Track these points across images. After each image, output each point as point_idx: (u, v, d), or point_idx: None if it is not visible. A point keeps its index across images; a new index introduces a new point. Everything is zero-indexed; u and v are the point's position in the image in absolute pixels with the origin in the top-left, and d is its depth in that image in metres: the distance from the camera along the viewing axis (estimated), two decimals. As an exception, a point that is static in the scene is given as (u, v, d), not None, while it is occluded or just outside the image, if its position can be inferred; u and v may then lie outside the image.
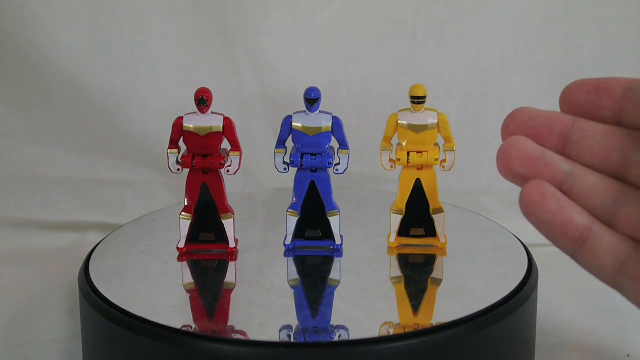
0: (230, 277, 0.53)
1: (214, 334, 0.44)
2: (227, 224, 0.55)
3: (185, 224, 0.55)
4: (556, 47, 0.78)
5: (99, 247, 0.57)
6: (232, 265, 0.54)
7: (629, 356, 0.53)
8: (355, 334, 0.44)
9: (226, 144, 0.54)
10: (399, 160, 0.54)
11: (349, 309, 0.48)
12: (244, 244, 0.56)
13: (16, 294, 0.64)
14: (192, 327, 0.45)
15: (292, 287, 0.51)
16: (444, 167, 0.55)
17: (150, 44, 0.78)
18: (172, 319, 0.46)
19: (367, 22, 0.78)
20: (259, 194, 0.73)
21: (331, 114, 0.54)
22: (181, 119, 0.53)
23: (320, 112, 0.53)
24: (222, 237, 0.55)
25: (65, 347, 0.55)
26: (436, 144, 0.55)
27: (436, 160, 0.54)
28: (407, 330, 0.45)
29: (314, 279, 0.52)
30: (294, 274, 0.53)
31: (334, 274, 0.53)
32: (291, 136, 0.54)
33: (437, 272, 0.53)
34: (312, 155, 0.54)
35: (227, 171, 0.54)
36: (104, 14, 0.77)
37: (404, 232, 0.56)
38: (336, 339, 0.44)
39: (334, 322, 0.46)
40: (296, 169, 0.54)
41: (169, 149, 0.54)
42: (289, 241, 0.55)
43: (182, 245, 0.55)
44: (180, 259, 0.55)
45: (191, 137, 0.53)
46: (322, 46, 0.79)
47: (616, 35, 0.78)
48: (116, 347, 0.46)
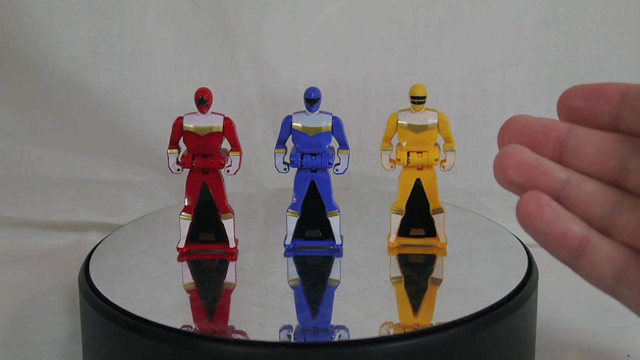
0: (230, 277, 0.53)
1: (214, 334, 0.44)
2: (227, 224, 0.55)
3: (185, 224, 0.55)
4: (556, 47, 0.78)
5: (99, 247, 0.57)
6: (232, 265, 0.54)
7: (629, 356, 0.53)
8: (355, 334, 0.44)
9: (226, 144, 0.54)
10: (399, 160, 0.54)
11: (349, 309, 0.48)
12: (244, 244, 0.56)
13: (16, 294, 0.64)
14: (192, 327, 0.45)
15: (292, 287, 0.51)
16: (444, 167, 0.55)
17: (150, 44, 0.78)
18: (172, 319, 0.46)
19: (367, 22, 0.78)
20: (259, 194, 0.73)
21: (331, 114, 0.54)
22: (181, 119, 0.53)
23: (320, 112, 0.53)
24: (222, 237, 0.55)
25: (65, 347, 0.55)
26: (436, 144, 0.55)
27: (436, 160, 0.54)
28: (407, 330, 0.45)
29: (314, 279, 0.52)
30: (294, 274, 0.53)
31: (334, 274, 0.53)
32: (291, 136, 0.54)
33: (437, 272, 0.53)
34: (312, 155, 0.54)
35: (227, 171, 0.54)
36: (104, 14, 0.77)
37: (404, 232, 0.56)
38: (336, 339, 0.44)
39: (334, 322, 0.46)
40: (296, 169, 0.54)
41: (169, 149, 0.54)
42: (289, 241, 0.55)
43: (182, 245, 0.55)
44: (180, 259, 0.55)
45: (191, 137, 0.53)
46: (322, 46, 0.79)
47: (616, 35, 0.78)
48: (116, 347, 0.46)
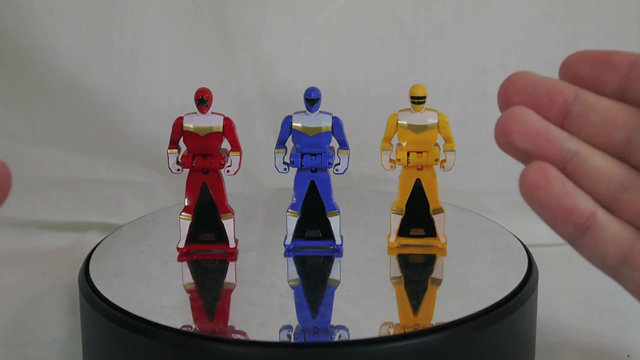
0: (230, 277, 0.53)
1: (214, 334, 0.44)
2: (227, 224, 0.55)
3: (185, 224, 0.55)
4: (556, 47, 0.78)
5: (99, 247, 0.57)
6: (232, 265, 0.54)
7: (629, 356, 0.53)
8: (355, 334, 0.44)
9: (226, 144, 0.54)
10: (399, 160, 0.54)
11: (349, 309, 0.48)
12: (244, 244, 0.56)
13: (16, 294, 0.64)
14: (192, 327, 0.45)
15: (292, 287, 0.51)
16: (444, 167, 0.55)
17: (150, 44, 0.78)
18: (172, 319, 0.46)
19: (367, 22, 0.78)
20: (259, 194, 0.73)
21: (331, 114, 0.54)
22: (181, 119, 0.53)
23: (320, 112, 0.53)
24: (222, 237, 0.55)
25: (65, 347, 0.55)
26: (436, 144, 0.55)
27: (436, 160, 0.54)
28: (407, 330, 0.45)
29: (314, 279, 0.52)
30: (294, 274, 0.53)
31: (334, 274, 0.53)
32: (291, 136, 0.54)
33: (437, 272, 0.53)
34: (312, 155, 0.54)
35: (227, 171, 0.54)
36: (104, 14, 0.77)
37: (404, 232, 0.56)
38: (336, 339, 0.44)
39: (334, 322, 0.46)
40: (296, 169, 0.54)
41: (169, 149, 0.54)
42: (289, 241, 0.55)
43: (182, 245, 0.55)
44: (180, 259, 0.55)
45: (191, 137, 0.53)
46: (322, 46, 0.78)
47: (616, 35, 0.78)
48: (116, 347, 0.46)
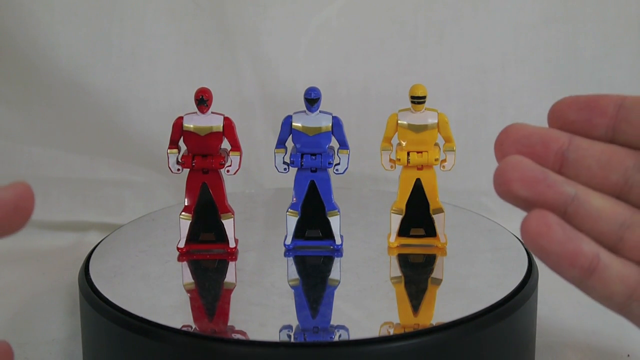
0: (230, 277, 0.53)
1: (214, 334, 0.44)
2: (227, 224, 0.55)
3: (185, 224, 0.55)
4: (556, 47, 0.78)
5: (99, 247, 0.57)
6: (232, 265, 0.54)
7: (629, 356, 0.53)
8: (355, 334, 0.44)
9: (226, 144, 0.54)
10: (399, 160, 0.54)
11: (349, 309, 0.48)
12: (244, 244, 0.56)
13: (16, 294, 0.64)
14: (192, 327, 0.45)
15: (292, 287, 0.51)
16: (444, 167, 0.55)
17: (150, 44, 0.78)
18: (172, 319, 0.46)
19: (367, 22, 0.78)
20: (259, 194, 0.73)
21: (331, 114, 0.54)
22: (181, 119, 0.53)
23: (320, 112, 0.53)
24: (222, 237, 0.55)
25: (65, 347, 0.55)
26: (436, 144, 0.55)
27: (436, 160, 0.54)
28: (407, 330, 0.45)
29: (314, 279, 0.52)
30: (294, 274, 0.53)
31: (334, 274, 0.53)
32: (291, 136, 0.54)
33: (437, 272, 0.53)
34: (312, 155, 0.54)
35: (227, 171, 0.54)
36: (104, 14, 0.77)
37: (404, 232, 0.56)
38: (336, 339, 0.44)
39: (334, 322, 0.46)
40: (296, 169, 0.54)
41: (169, 149, 0.54)
42: (289, 241, 0.55)
43: (182, 245, 0.55)
44: (180, 259, 0.55)
45: (191, 137, 0.53)
46: (322, 46, 0.78)
47: (616, 35, 0.78)
48: (116, 347, 0.46)
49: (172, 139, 0.54)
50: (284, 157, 0.54)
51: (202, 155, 0.54)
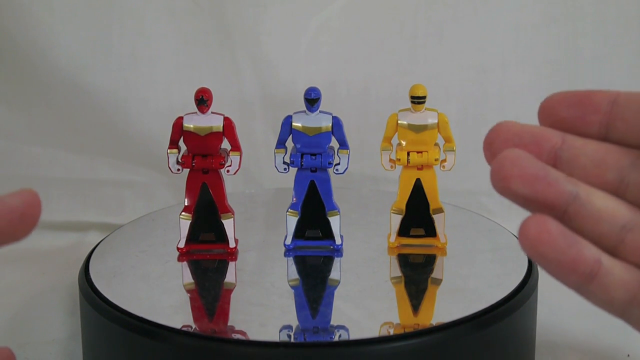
0: (230, 277, 0.53)
1: (214, 334, 0.44)
2: (227, 224, 0.55)
3: (185, 224, 0.55)
4: (556, 47, 0.78)
5: (99, 247, 0.57)
6: (232, 265, 0.54)
7: (629, 356, 0.53)
8: (355, 334, 0.44)
9: (226, 144, 0.54)
10: (399, 160, 0.54)
11: (349, 309, 0.48)
12: (244, 244, 0.56)
13: (16, 294, 0.64)
14: (192, 327, 0.45)
15: (292, 287, 0.51)
16: (444, 167, 0.55)
17: (150, 44, 0.78)
18: (172, 319, 0.46)
19: (367, 22, 0.78)
20: (259, 194, 0.73)
21: (331, 114, 0.54)
22: (181, 119, 0.53)
23: (320, 112, 0.53)
24: (222, 237, 0.55)
25: (65, 347, 0.55)
26: (436, 144, 0.55)
27: (436, 160, 0.54)
28: (407, 330, 0.45)
29: (314, 279, 0.52)
30: (294, 274, 0.53)
31: (334, 274, 0.53)
32: (291, 136, 0.54)
33: (437, 272, 0.53)
34: (312, 155, 0.54)
35: (227, 171, 0.54)
36: (104, 14, 0.77)
37: (404, 232, 0.56)
38: (336, 339, 0.44)
39: (334, 322, 0.46)
40: (296, 169, 0.54)
41: (169, 149, 0.54)
42: (289, 241, 0.55)
43: (182, 245, 0.55)
44: (180, 259, 0.55)
45: (191, 137, 0.53)
46: (322, 46, 0.78)
47: (616, 35, 0.78)
48: (116, 347, 0.46)
49: (172, 139, 0.54)
50: (284, 157, 0.54)
51: (202, 155, 0.54)
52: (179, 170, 0.54)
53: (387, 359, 0.43)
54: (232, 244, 0.55)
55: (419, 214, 0.55)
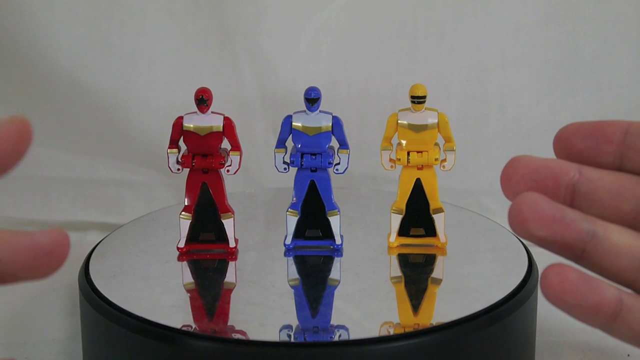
0: (230, 277, 0.53)
1: (214, 334, 0.44)
2: (227, 224, 0.55)
3: (185, 224, 0.55)
4: (556, 47, 0.78)
5: (99, 247, 0.57)
6: (232, 265, 0.54)
7: (629, 356, 0.53)
8: (355, 334, 0.44)
9: (226, 144, 0.54)
10: (399, 160, 0.54)
11: (349, 308, 0.48)
12: (244, 243, 0.56)
13: (16, 294, 0.64)
14: (192, 327, 0.45)
15: (292, 286, 0.51)
16: (444, 166, 0.55)
17: (150, 44, 0.78)
18: (172, 319, 0.46)
19: (367, 22, 0.78)
20: (259, 194, 0.73)
21: (331, 114, 0.54)
22: (181, 118, 0.53)
23: (320, 111, 0.53)
24: (222, 237, 0.55)
25: (65, 347, 0.55)
26: (436, 144, 0.55)
27: (436, 160, 0.54)
28: (407, 330, 0.45)
29: (314, 279, 0.52)
30: (294, 274, 0.53)
31: (334, 274, 0.53)
32: (291, 136, 0.54)
33: (437, 272, 0.53)
34: (312, 155, 0.54)
35: (227, 171, 0.54)
36: (104, 14, 0.77)
37: (404, 231, 0.56)
38: (336, 338, 0.44)
39: (334, 321, 0.46)
40: (296, 168, 0.54)
41: (169, 148, 0.54)
42: (289, 241, 0.55)
43: (182, 245, 0.55)
44: (180, 258, 0.55)
45: (191, 136, 0.53)
46: (322, 46, 0.78)
47: (616, 35, 0.78)
48: (116, 347, 0.46)
49: (172, 138, 0.54)
50: (284, 157, 0.54)
51: (202, 155, 0.54)
52: (179, 170, 0.54)
53: (387, 359, 0.43)
54: (232, 244, 0.55)
55: (419, 214, 0.55)
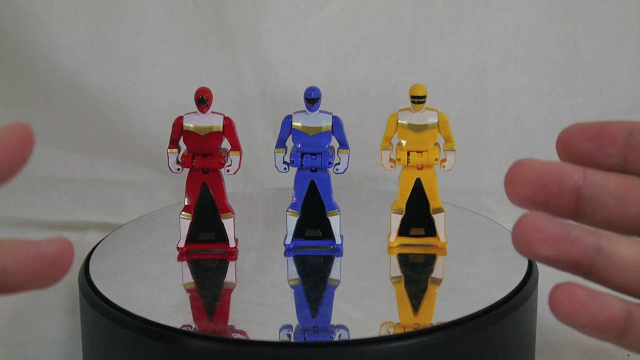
0: (230, 277, 0.53)
1: (214, 334, 0.44)
2: (227, 224, 0.55)
3: (185, 224, 0.55)
4: (556, 47, 0.78)
5: (98, 246, 0.57)
6: (232, 265, 0.54)
7: (629, 355, 0.53)
8: (355, 334, 0.44)
9: (226, 144, 0.54)
10: (399, 159, 0.54)
11: (349, 308, 0.48)
12: (244, 243, 0.56)
13: (16, 294, 0.64)
14: (192, 327, 0.45)
15: (292, 286, 0.51)
16: (444, 166, 0.55)
17: (150, 44, 0.78)
18: (172, 318, 0.46)
19: (367, 21, 0.78)
20: (259, 193, 0.73)
21: (331, 114, 0.54)
22: (181, 118, 0.53)
23: (320, 111, 0.53)
24: (222, 236, 0.55)
25: (65, 347, 0.55)
26: (436, 144, 0.55)
27: (436, 159, 0.54)
28: (407, 330, 0.45)
29: (314, 279, 0.52)
30: (294, 274, 0.53)
31: (334, 274, 0.53)
32: (291, 136, 0.54)
33: (437, 271, 0.53)
34: (312, 154, 0.54)
35: (227, 171, 0.54)
36: (104, 14, 0.77)
37: (404, 231, 0.56)
38: (336, 338, 0.44)
39: (334, 321, 0.46)
40: (296, 168, 0.54)
41: (169, 148, 0.54)
42: (289, 241, 0.55)
43: (182, 245, 0.55)
44: (180, 258, 0.55)
45: (191, 136, 0.53)
46: (322, 46, 0.78)
47: (616, 35, 0.78)
48: (116, 347, 0.46)
49: (172, 138, 0.54)
50: (284, 157, 0.54)
51: (202, 154, 0.54)
52: (179, 169, 0.54)
53: (387, 359, 0.43)
54: (232, 244, 0.55)
55: (419, 214, 0.55)
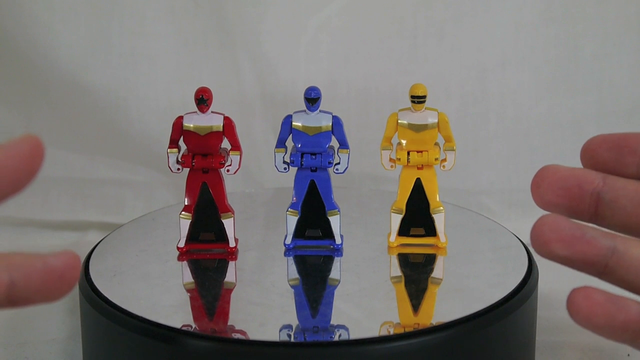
0: (230, 277, 0.53)
1: (214, 334, 0.44)
2: (227, 224, 0.55)
3: (185, 224, 0.55)
4: (556, 46, 0.78)
5: (98, 246, 0.57)
6: (232, 264, 0.54)
7: (629, 356, 0.53)
8: (355, 334, 0.44)
9: (226, 144, 0.54)
10: (399, 159, 0.54)
11: (349, 308, 0.48)
12: (244, 243, 0.56)
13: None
14: (192, 327, 0.45)
15: (292, 286, 0.51)
16: (444, 166, 0.55)
17: (150, 44, 0.78)
18: (172, 318, 0.46)
19: (367, 21, 0.78)
20: (259, 193, 0.73)
21: (331, 114, 0.54)
22: (181, 118, 0.53)
23: (320, 111, 0.53)
24: (222, 236, 0.55)
25: (65, 347, 0.55)
26: (436, 144, 0.55)
27: (436, 159, 0.54)
28: (407, 330, 0.45)
29: (314, 279, 0.52)
30: (294, 274, 0.53)
31: (334, 274, 0.53)
32: (291, 135, 0.54)
33: (437, 271, 0.53)
34: (312, 154, 0.54)
35: (227, 171, 0.54)
36: (104, 14, 0.77)
37: (404, 231, 0.56)
38: (336, 338, 0.44)
39: (334, 321, 0.46)
40: (296, 168, 0.54)
41: (169, 148, 0.54)
42: (289, 241, 0.55)
43: (182, 244, 0.55)
44: (180, 258, 0.55)
45: (191, 136, 0.53)
46: (322, 46, 0.78)
47: (616, 35, 0.78)
48: (116, 347, 0.46)
49: (172, 138, 0.54)
50: (284, 157, 0.54)
51: (202, 154, 0.54)
52: (179, 169, 0.54)
53: (387, 358, 0.43)
54: (232, 244, 0.55)
55: (419, 214, 0.55)
